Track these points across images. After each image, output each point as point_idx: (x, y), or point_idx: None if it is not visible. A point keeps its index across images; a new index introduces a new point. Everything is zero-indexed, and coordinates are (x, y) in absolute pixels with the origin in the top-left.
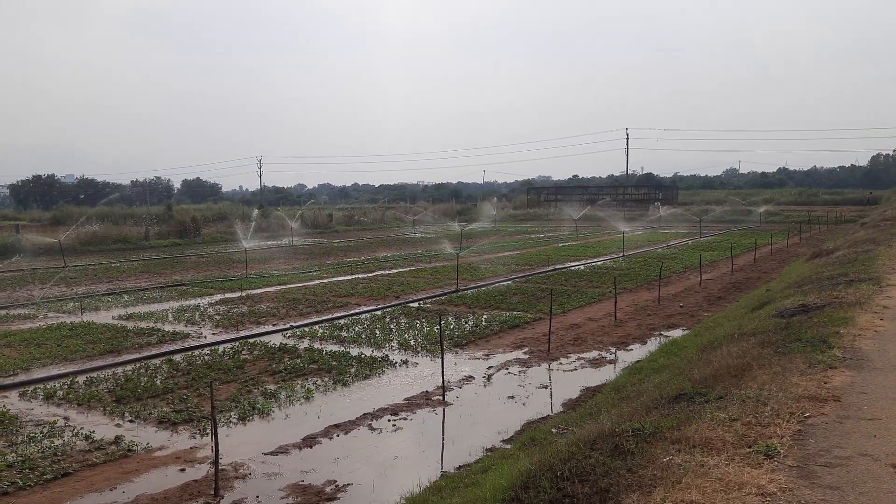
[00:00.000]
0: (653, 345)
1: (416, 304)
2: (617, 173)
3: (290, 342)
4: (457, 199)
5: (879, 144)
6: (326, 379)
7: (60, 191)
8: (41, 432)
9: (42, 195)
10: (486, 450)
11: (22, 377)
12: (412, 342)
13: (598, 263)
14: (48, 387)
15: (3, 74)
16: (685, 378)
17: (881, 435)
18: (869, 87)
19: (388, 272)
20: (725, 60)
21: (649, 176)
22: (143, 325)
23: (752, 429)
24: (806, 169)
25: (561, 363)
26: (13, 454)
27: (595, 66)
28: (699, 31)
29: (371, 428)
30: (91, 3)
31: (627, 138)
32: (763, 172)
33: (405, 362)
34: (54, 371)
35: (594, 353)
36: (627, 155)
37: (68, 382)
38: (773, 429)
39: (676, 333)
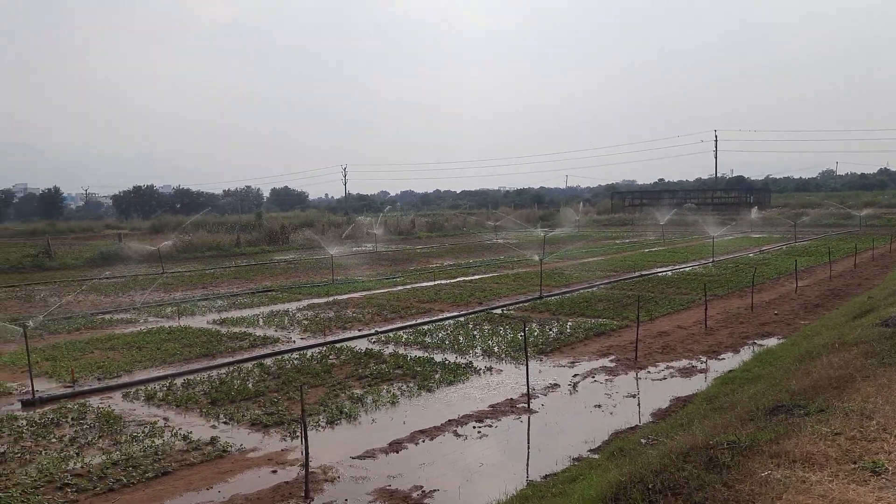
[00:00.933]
0: (746, 354)
1: (499, 311)
2: (705, 176)
3: (376, 347)
4: (539, 204)
5: None
6: (411, 384)
7: (159, 200)
8: (143, 432)
9: (142, 205)
10: (573, 459)
11: (125, 379)
12: (496, 349)
13: (687, 269)
14: (149, 388)
15: (105, 90)
16: (782, 389)
17: None
18: None
19: (470, 278)
20: (821, 60)
21: (740, 178)
22: (236, 329)
23: (856, 444)
24: None
25: (649, 372)
26: (118, 452)
27: (684, 70)
28: (797, 34)
29: (456, 434)
30: (186, 19)
31: (716, 140)
32: (862, 174)
33: (489, 369)
34: (154, 373)
35: (684, 362)
36: (716, 157)
37: (167, 384)
38: (880, 444)
39: (771, 342)
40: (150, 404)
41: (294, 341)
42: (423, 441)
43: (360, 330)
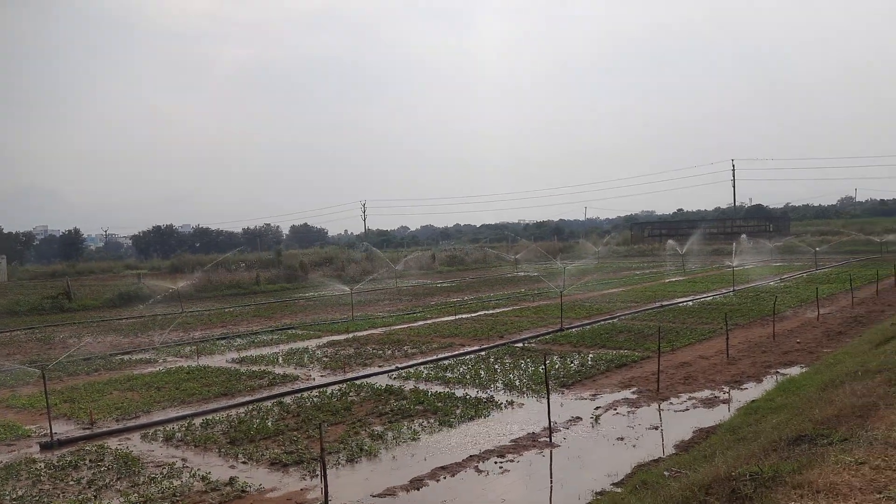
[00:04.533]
0: (769, 383)
1: (520, 344)
2: (724, 206)
3: (396, 383)
4: (559, 236)
5: None
6: (432, 420)
7: (178, 240)
8: (161, 473)
9: (161, 244)
10: (596, 493)
11: (143, 420)
12: (517, 382)
13: (708, 299)
14: (167, 429)
15: (123, 133)
16: (805, 418)
17: None
18: None
19: (491, 312)
20: (836, 86)
21: (759, 207)
22: (255, 368)
23: (881, 473)
24: None
25: (671, 403)
26: (136, 494)
27: (699, 102)
28: (812, 60)
29: (478, 470)
30: (202, 64)
31: (734, 169)
32: (882, 200)
33: (510, 403)
34: (172, 413)
35: (706, 393)
36: (734, 186)
37: (186, 424)
38: None
39: (794, 371)
40: (169, 445)
41: (314, 379)
42: (444, 477)
43: (380, 366)
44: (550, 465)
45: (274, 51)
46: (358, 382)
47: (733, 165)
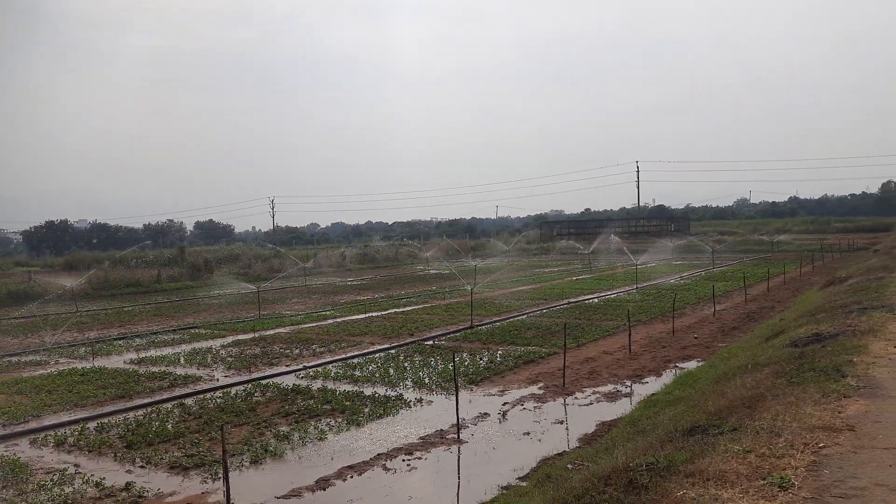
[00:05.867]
0: (668, 377)
1: (430, 342)
2: (629, 206)
3: (304, 383)
4: (470, 234)
5: (890, 171)
6: (340, 419)
7: (73, 236)
8: (51, 480)
9: (55, 241)
10: (502, 488)
11: (33, 424)
12: (426, 380)
13: (612, 296)
14: (59, 434)
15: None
16: (700, 410)
17: None
18: (879, 116)
19: (402, 310)
20: (735, 94)
21: (661, 208)
22: (155, 369)
23: (766, 460)
24: (817, 197)
25: (576, 398)
26: (23, 503)
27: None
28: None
29: (385, 468)
30: (101, 51)
31: (638, 171)
32: (774, 202)
33: (419, 401)
34: (65, 418)
35: (609, 387)
36: (638, 187)
37: (79, 429)
38: (788, 460)
39: (691, 365)
40: (60, 450)
41: (217, 379)
42: (352, 477)
43: (287, 366)
44: (458, 461)
45: (181, 41)
46: (264, 382)
47: (638, 167)
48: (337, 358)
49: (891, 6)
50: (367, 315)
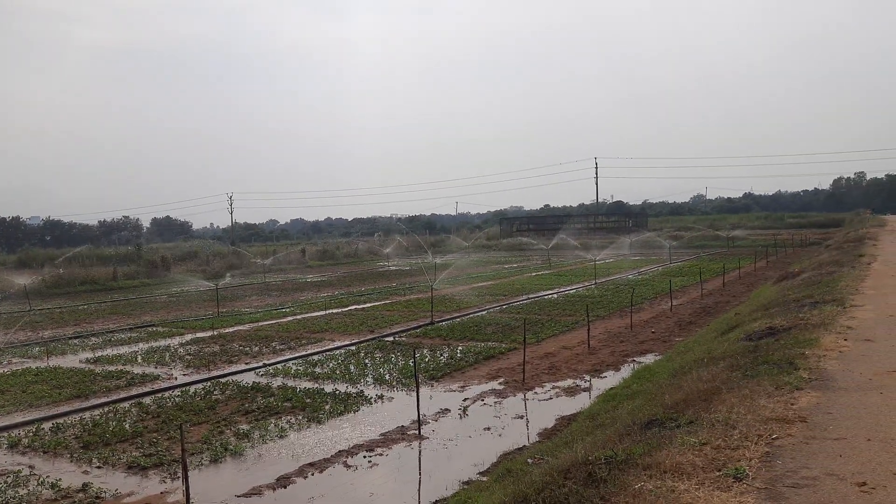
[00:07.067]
0: (626, 371)
1: (390, 338)
2: (588, 202)
3: (263, 381)
4: (430, 231)
5: (841, 168)
6: (300, 417)
7: (26, 233)
8: (5, 482)
9: (6, 237)
10: (463, 483)
11: None
12: (387, 377)
13: (571, 291)
14: (12, 435)
15: None
16: (657, 404)
17: (846, 454)
18: (831, 114)
19: (362, 306)
20: (691, 92)
21: (619, 204)
22: (112, 368)
23: (721, 452)
24: (771, 193)
25: (536, 393)
26: None
27: (566, 102)
28: (667, 68)
29: (346, 465)
30: (54, 42)
31: (597, 167)
32: (729, 198)
33: (380, 397)
34: (19, 418)
35: (569, 382)
36: (597, 184)
37: (33, 430)
38: (742, 451)
39: (649, 359)
40: (14, 452)
41: (175, 378)
42: (313, 474)
43: (246, 363)
44: (419, 457)
45: (137, 33)
46: (223, 380)
47: (596, 163)
48: (297, 355)
49: (841, 9)
50: (327, 312)
